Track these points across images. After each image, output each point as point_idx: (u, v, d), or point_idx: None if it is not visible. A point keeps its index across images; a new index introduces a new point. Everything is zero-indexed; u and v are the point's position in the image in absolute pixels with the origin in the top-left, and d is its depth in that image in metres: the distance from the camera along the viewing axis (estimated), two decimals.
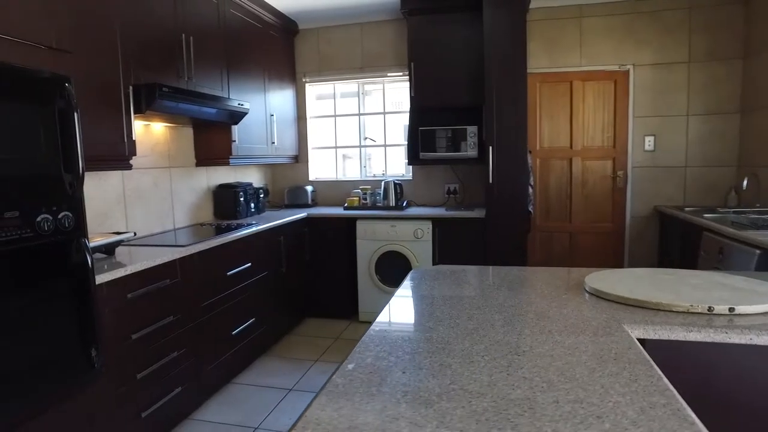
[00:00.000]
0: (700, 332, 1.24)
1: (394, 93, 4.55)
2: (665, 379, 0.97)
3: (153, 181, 3.13)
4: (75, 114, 1.83)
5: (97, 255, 2.40)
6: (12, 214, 1.64)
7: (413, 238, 3.82)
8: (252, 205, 3.89)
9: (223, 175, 3.91)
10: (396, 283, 3.77)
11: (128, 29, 2.48)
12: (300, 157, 4.62)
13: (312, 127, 4.67)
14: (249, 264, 3.14)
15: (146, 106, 2.54)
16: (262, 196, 4.04)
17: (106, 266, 2.15)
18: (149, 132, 3.09)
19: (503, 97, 3.50)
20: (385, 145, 4.54)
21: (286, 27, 4.27)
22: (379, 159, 4.63)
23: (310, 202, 4.46)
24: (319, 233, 4.04)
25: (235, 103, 3.25)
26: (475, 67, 3.73)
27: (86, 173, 2.60)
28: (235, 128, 3.44)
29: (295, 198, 4.48)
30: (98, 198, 2.72)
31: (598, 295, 1.49)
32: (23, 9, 1.68)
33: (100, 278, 2.00)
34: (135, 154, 2.55)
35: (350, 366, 1.04)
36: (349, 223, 3.98)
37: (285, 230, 3.66)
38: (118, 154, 2.45)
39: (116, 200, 2.85)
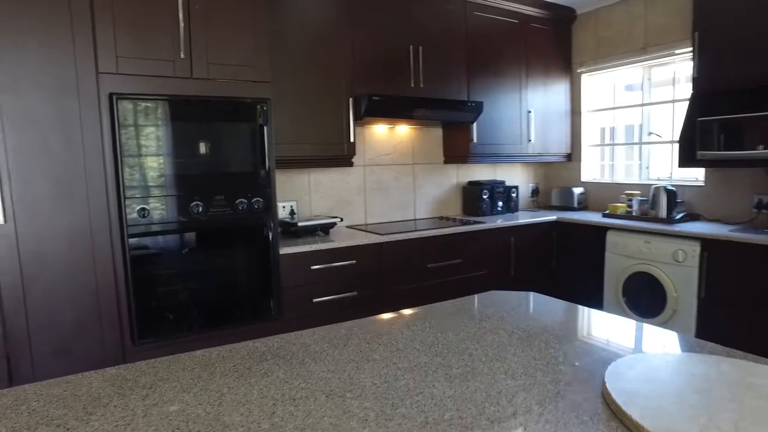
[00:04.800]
0: None
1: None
2: None
3: (394, 175, 3.64)
4: (266, 127, 2.47)
5: (320, 233, 3.09)
6: (219, 197, 2.41)
7: (672, 260, 3.00)
8: (500, 203, 3.90)
9: (476, 172, 4.07)
10: (647, 312, 3.12)
11: (355, 52, 3.02)
12: (573, 156, 4.23)
13: (588, 122, 4.19)
14: (459, 260, 3.26)
15: (364, 114, 3.03)
16: (514, 194, 3.98)
17: (318, 241, 2.78)
18: (393, 133, 3.60)
19: None
20: (672, 141, 3.63)
21: (558, 16, 3.96)
22: (663, 159, 3.73)
23: (575, 204, 4.06)
24: (569, 240, 3.68)
25: (467, 104, 3.36)
26: None
27: (328, 169, 3.34)
28: (473, 127, 3.55)
29: (561, 199, 4.17)
30: (342, 189, 3.43)
31: (605, 395, 0.94)
32: (237, 61, 2.41)
33: (285, 250, 2.62)
34: (354, 154, 3.10)
35: None
36: (600, 233, 3.45)
37: (518, 232, 3.53)
38: (340, 155, 3.05)
39: (357, 191, 3.50)
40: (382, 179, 3.60)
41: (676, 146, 3.62)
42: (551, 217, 3.73)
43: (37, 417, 0.91)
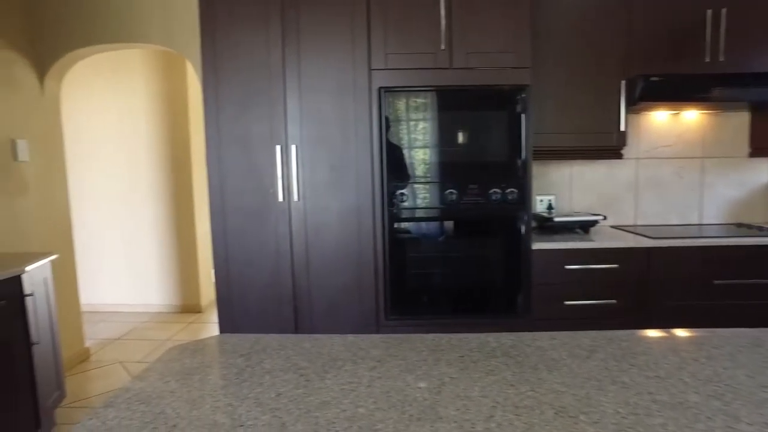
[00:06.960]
0: None
1: None
2: None
3: (675, 171, 3.05)
4: (524, 115, 2.35)
5: (579, 231, 2.81)
6: (473, 187, 2.41)
7: None
8: None
9: None
10: None
11: (632, 27, 2.63)
12: None
13: None
14: (764, 281, 2.53)
15: (639, 98, 2.60)
16: None
17: (576, 239, 2.56)
18: (676, 121, 3.01)
19: None
20: None
21: None
22: None
23: None
24: None
25: None
26: None
27: (593, 162, 3.05)
28: None
29: None
30: (608, 184, 3.05)
31: None
32: (496, 48, 2.34)
33: (538, 245, 2.46)
34: (625, 145, 2.71)
35: None
36: None
37: None
38: (607, 146, 2.71)
39: (626, 187, 3.05)
40: (658, 175, 3.06)
41: None
42: None
43: (289, 363, 1.04)
